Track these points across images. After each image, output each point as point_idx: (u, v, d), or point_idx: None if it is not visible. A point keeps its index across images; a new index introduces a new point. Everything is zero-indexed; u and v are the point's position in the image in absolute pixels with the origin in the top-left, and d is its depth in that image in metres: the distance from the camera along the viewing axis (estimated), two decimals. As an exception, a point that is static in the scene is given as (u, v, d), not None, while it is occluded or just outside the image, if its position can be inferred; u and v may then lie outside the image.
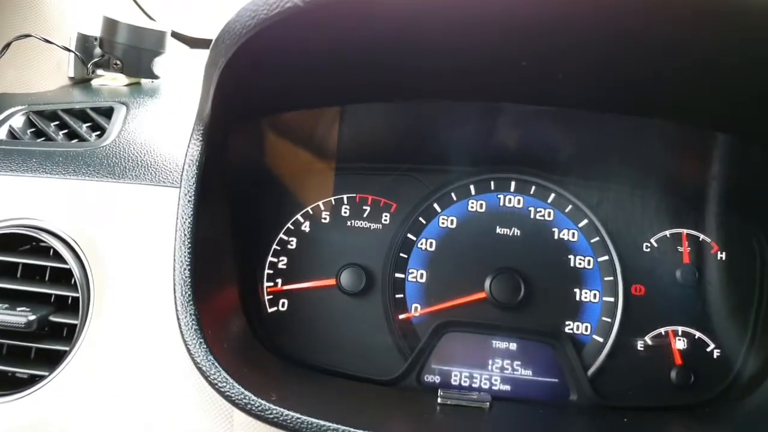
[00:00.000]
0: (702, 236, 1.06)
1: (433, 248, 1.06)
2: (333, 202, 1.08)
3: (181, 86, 1.33)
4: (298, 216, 1.07)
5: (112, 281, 0.90)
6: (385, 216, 1.07)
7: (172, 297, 0.79)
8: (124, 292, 0.89)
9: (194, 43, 1.73)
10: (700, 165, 1.06)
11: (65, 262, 0.91)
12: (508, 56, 0.84)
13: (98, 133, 1.09)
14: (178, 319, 0.77)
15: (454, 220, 1.07)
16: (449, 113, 1.03)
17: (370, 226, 1.07)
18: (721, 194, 1.06)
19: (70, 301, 0.92)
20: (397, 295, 1.04)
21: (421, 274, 1.05)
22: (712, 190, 1.07)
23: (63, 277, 0.93)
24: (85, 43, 1.30)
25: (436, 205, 1.07)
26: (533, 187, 1.08)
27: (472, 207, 1.08)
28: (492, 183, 1.08)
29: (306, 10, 0.58)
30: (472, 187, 1.08)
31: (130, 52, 1.27)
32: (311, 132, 1.03)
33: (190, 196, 0.82)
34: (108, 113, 1.13)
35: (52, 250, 0.93)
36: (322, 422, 0.73)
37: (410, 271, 1.05)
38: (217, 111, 0.81)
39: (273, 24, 0.61)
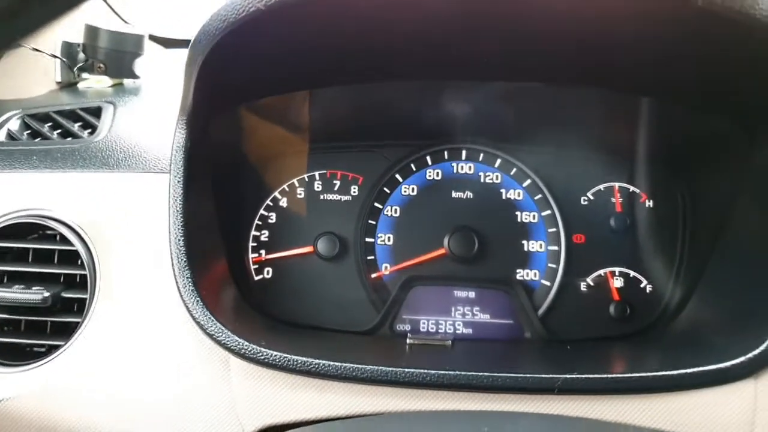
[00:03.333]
0: (632, 188, 1.21)
1: (397, 214, 1.20)
2: (306, 179, 1.21)
3: (161, 83, 1.44)
4: (276, 193, 1.20)
5: (115, 258, 1.02)
6: (354, 188, 1.20)
7: (169, 267, 0.92)
8: (126, 266, 1.01)
9: (168, 43, 1.84)
10: (629, 126, 1.18)
11: (71, 245, 1.03)
12: (455, 39, 0.97)
13: (90, 130, 1.20)
14: (176, 282, 0.90)
15: (415, 188, 1.21)
16: (404, 92, 1.15)
17: (340, 198, 1.20)
18: (648, 150, 1.20)
19: (78, 279, 1.04)
20: (368, 257, 1.18)
21: (389, 237, 1.19)
22: (640, 147, 1.21)
23: (70, 259, 1.05)
24: (69, 49, 1.41)
25: (398, 176, 1.21)
26: (482, 155, 1.21)
27: (429, 176, 1.21)
28: (446, 153, 1.22)
29: (268, 12, 0.71)
30: (428, 158, 1.22)
31: (112, 56, 1.38)
32: (283, 115, 1.16)
33: (178, 179, 0.94)
34: (97, 112, 1.24)
35: (58, 236, 1.05)
36: (305, 359, 0.86)
37: (379, 235, 1.19)
38: (197, 102, 0.93)
39: (241, 25, 0.73)
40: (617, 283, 1.17)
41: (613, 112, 1.19)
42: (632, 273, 1.18)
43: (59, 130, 1.22)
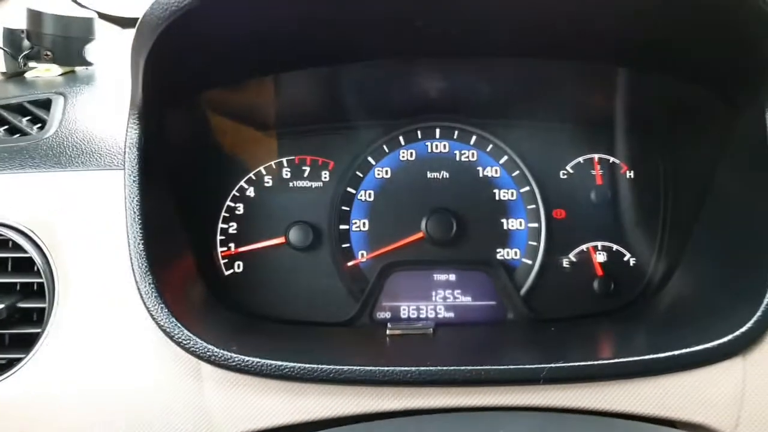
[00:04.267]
0: (612, 159, 1.17)
1: (372, 198, 1.15)
2: (274, 166, 1.15)
3: (116, 70, 1.35)
4: (242, 182, 1.14)
5: (73, 263, 0.96)
6: (325, 174, 1.15)
7: (130, 271, 0.87)
8: (85, 272, 0.95)
9: (125, 23, 1.73)
10: (606, 97, 1.15)
11: (25, 251, 0.97)
12: (420, 14, 0.91)
13: (39, 125, 1.13)
14: (138, 288, 0.85)
15: (389, 170, 1.16)
16: (372, 72, 1.09)
17: (311, 185, 1.15)
18: (627, 121, 1.17)
19: (36, 288, 0.98)
20: (343, 245, 1.13)
21: (364, 223, 1.14)
22: (618, 117, 1.17)
23: (25, 266, 0.98)
24: (11, 36, 1.31)
25: (370, 158, 1.15)
26: (456, 132, 1.17)
27: (403, 156, 1.16)
28: (419, 132, 1.17)
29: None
30: (401, 138, 1.16)
31: (59, 42, 1.29)
32: (245, 102, 1.09)
33: (134, 177, 0.88)
34: (46, 105, 1.16)
35: (10, 243, 0.98)
36: (279, 363, 0.82)
37: (353, 221, 1.14)
38: (148, 95, 0.86)
39: (183, 14, 0.66)
40: (600, 257, 1.15)
41: (589, 83, 1.15)
42: (615, 247, 1.15)
43: (6, 126, 1.14)
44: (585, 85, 1.14)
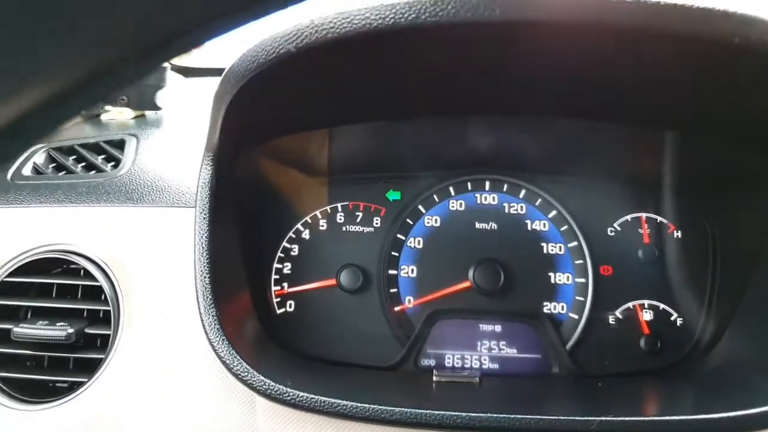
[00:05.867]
0: (659, 218, 1.19)
1: (420, 245, 1.19)
2: (329, 211, 1.20)
3: (182, 114, 1.45)
4: (299, 225, 1.19)
5: (139, 294, 1.01)
6: (376, 219, 1.19)
7: (193, 304, 0.91)
8: (150, 302, 1.01)
9: (188, 72, 1.85)
10: (655, 158, 1.17)
11: (95, 280, 1.03)
12: (479, 79, 0.96)
13: (113, 163, 1.21)
14: (202, 320, 0.89)
15: (438, 219, 1.20)
16: (427, 127, 1.15)
17: (363, 230, 1.19)
18: (675, 182, 1.19)
19: (101, 315, 1.04)
20: (391, 290, 1.16)
21: (412, 270, 1.18)
22: (666, 179, 1.19)
23: (94, 294, 1.04)
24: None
25: (420, 207, 1.20)
26: (505, 185, 1.20)
27: (452, 206, 1.20)
28: (469, 184, 1.21)
29: (298, 54, 0.71)
30: (451, 189, 1.20)
31: (134, 88, 1.40)
32: (306, 150, 1.15)
33: (204, 215, 0.94)
34: (120, 145, 1.25)
35: (82, 271, 1.05)
36: (333, 400, 0.85)
37: (402, 267, 1.17)
38: (223, 139, 0.93)
39: (270, 67, 0.73)
40: (647, 316, 1.15)
41: (638, 144, 1.17)
42: (662, 306, 1.15)
43: (83, 164, 1.23)
44: (634, 146, 1.17)
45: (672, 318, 1.14)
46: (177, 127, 1.36)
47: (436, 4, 0.66)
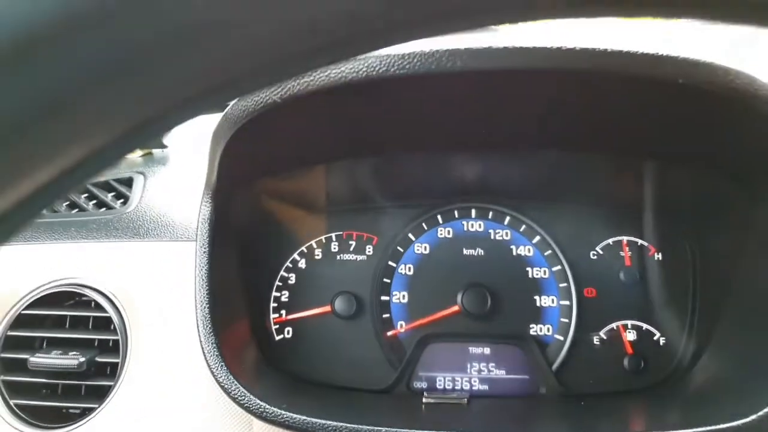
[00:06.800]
0: (640, 241, 1.24)
1: (411, 272, 1.25)
2: (324, 240, 1.27)
3: (186, 152, 1.53)
4: (295, 255, 1.26)
5: (145, 324, 1.09)
6: (369, 248, 1.26)
7: (195, 331, 0.98)
8: (155, 331, 1.08)
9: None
10: (635, 184, 1.22)
11: (105, 311, 1.10)
12: (462, 119, 1.03)
13: (122, 200, 1.29)
14: (202, 347, 0.95)
15: (427, 246, 1.26)
16: (416, 161, 1.22)
17: (356, 258, 1.25)
18: (654, 206, 1.24)
19: (111, 344, 1.11)
20: (384, 315, 1.22)
21: (403, 296, 1.23)
22: (646, 203, 1.24)
23: (104, 324, 1.12)
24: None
25: (410, 235, 1.26)
26: (491, 213, 1.26)
27: (441, 234, 1.26)
28: (456, 212, 1.27)
29: (283, 104, 0.78)
30: (439, 217, 1.27)
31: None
32: (301, 185, 1.23)
33: (204, 249, 1.01)
34: (128, 182, 1.33)
35: (93, 303, 1.12)
36: (327, 422, 0.90)
37: (394, 293, 1.23)
38: (221, 178, 1.00)
39: (259, 115, 0.81)
40: (630, 336, 1.19)
41: (617, 172, 1.23)
42: (645, 326, 1.19)
43: (94, 201, 1.31)
44: (615, 174, 1.22)
45: (655, 338, 1.19)
46: (182, 164, 1.44)
47: (404, 59, 0.73)
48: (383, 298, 1.23)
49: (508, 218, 1.26)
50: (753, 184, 1.01)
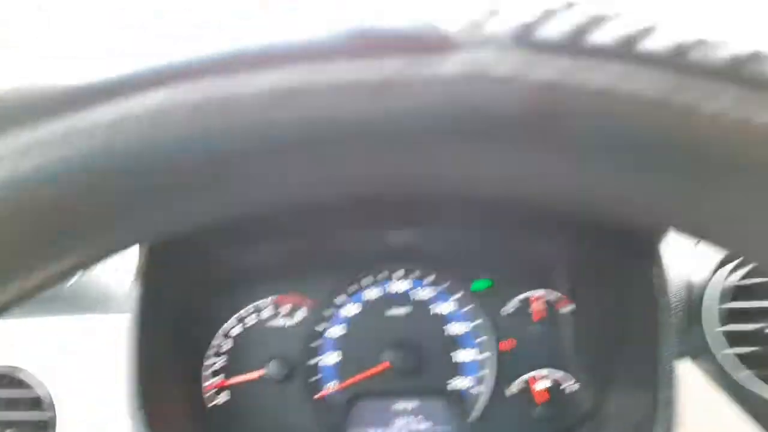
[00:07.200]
0: (556, 293, 1.33)
1: (340, 334, 1.31)
2: (256, 307, 1.33)
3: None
4: (229, 321, 1.31)
5: (75, 397, 1.12)
6: (299, 313, 1.32)
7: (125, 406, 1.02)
8: (86, 408, 1.11)
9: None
10: (540, 252, 1.34)
11: (34, 390, 1.13)
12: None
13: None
14: (131, 421, 1.00)
15: (355, 307, 1.33)
16: (338, 239, 1.31)
17: (286, 324, 1.32)
18: (562, 266, 1.35)
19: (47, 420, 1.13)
20: (314, 378, 1.28)
21: (333, 357, 1.30)
22: (554, 264, 1.35)
23: (36, 404, 1.14)
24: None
25: (337, 299, 1.33)
26: (415, 272, 1.35)
27: (366, 296, 1.34)
28: (381, 275, 1.35)
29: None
30: (365, 280, 1.35)
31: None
32: (230, 259, 1.30)
33: (135, 321, 1.06)
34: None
35: (24, 383, 1.15)
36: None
37: (323, 355, 1.30)
38: (150, 262, 1.06)
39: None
40: (542, 385, 1.28)
41: (527, 242, 1.34)
42: (558, 374, 1.28)
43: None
44: (525, 242, 1.33)
45: (566, 385, 1.28)
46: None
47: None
48: (312, 361, 1.29)
49: (431, 278, 1.35)
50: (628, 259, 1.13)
